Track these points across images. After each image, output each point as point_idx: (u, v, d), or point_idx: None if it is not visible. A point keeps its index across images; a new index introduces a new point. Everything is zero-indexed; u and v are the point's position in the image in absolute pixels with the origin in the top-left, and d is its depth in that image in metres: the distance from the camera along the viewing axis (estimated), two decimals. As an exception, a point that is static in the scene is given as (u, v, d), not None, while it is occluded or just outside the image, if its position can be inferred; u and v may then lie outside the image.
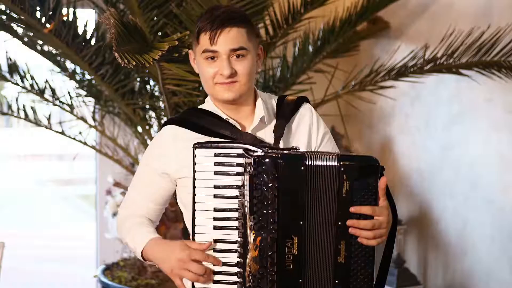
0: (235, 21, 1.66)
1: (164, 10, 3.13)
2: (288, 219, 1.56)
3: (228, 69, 1.66)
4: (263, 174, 1.55)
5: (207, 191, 1.63)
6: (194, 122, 1.76)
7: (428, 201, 3.97)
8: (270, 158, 1.56)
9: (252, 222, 1.56)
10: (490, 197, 3.54)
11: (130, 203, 1.85)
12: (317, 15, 3.56)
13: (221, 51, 1.66)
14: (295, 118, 1.82)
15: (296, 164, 1.57)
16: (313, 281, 1.59)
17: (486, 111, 3.55)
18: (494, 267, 3.52)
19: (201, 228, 1.63)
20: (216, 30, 1.64)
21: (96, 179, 4.39)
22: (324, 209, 1.59)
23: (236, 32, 1.66)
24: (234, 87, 1.69)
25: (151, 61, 1.86)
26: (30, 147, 17.73)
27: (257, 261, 1.55)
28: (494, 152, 3.50)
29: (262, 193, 1.55)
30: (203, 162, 1.63)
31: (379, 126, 4.37)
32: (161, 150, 1.78)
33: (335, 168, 1.58)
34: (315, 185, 1.58)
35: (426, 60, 3.47)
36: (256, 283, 1.56)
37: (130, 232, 1.77)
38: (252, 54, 1.70)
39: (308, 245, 1.58)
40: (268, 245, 1.55)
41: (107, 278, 3.61)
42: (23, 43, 3.48)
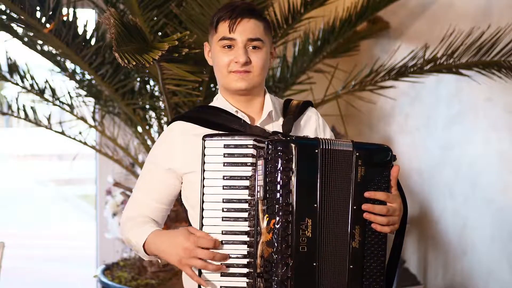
0: (254, 13, 1.72)
1: (164, 10, 3.13)
2: (302, 201, 1.57)
3: (244, 57, 1.69)
4: (277, 157, 1.56)
5: (216, 183, 1.62)
6: (202, 118, 1.77)
7: (428, 201, 3.97)
8: (284, 142, 1.58)
9: (265, 206, 1.56)
10: (490, 197, 3.54)
11: (134, 204, 1.83)
12: (317, 15, 3.56)
13: (238, 40, 1.70)
14: (302, 118, 1.86)
15: (311, 148, 1.59)
16: (328, 264, 1.59)
17: (486, 111, 3.55)
18: (494, 267, 3.52)
19: (210, 220, 1.61)
20: (235, 18, 1.69)
21: (96, 179, 4.39)
22: (339, 193, 1.61)
23: (254, 24, 1.70)
24: (247, 77, 1.72)
25: (151, 61, 1.86)
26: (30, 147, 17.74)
27: (270, 244, 1.55)
28: (494, 152, 3.50)
29: (276, 176, 1.56)
30: (213, 153, 1.63)
31: (379, 126, 4.37)
32: (168, 146, 1.78)
33: (350, 153, 1.62)
34: (329, 169, 1.60)
35: (426, 60, 3.47)
36: (269, 267, 1.55)
37: (132, 230, 1.75)
38: (267, 48, 1.75)
39: (322, 228, 1.59)
40: (282, 227, 1.55)
41: (107, 278, 3.61)
42: (23, 43, 3.48)
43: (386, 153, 1.66)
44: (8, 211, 9.56)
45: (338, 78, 3.98)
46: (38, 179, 13.17)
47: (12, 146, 18.21)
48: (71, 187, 11.91)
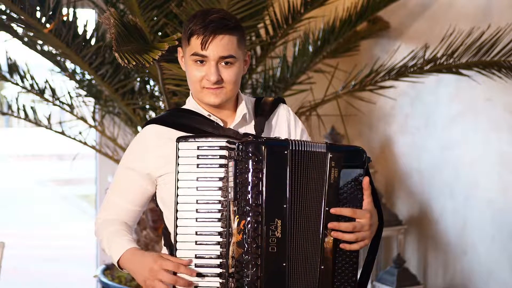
0: (227, 28, 1.67)
1: (164, 10, 3.13)
2: (272, 202, 1.58)
3: (215, 76, 1.68)
4: (247, 158, 1.57)
5: (190, 184, 1.63)
6: (176, 121, 1.78)
7: (428, 201, 3.97)
8: (254, 143, 1.59)
9: (235, 207, 1.57)
10: (490, 197, 3.54)
11: (108, 206, 1.84)
12: (317, 15, 3.56)
13: (210, 57, 1.67)
14: (273, 117, 1.86)
15: (280, 149, 1.60)
16: (298, 264, 1.60)
17: (486, 111, 3.55)
18: (494, 267, 3.52)
19: (184, 221, 1.62)
20: (209, 36, 1.66)
21: (96, 179, 4.39)
22: (311, 194, 1.62)
23: (227, 40, 1.67)
24: (221, 93, 1.71)
25: (151, 61, 1.86)
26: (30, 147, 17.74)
27: (240, 245, 1.56)
28: (494, 152, 3.50)
29: (246, 178, 1.57)
30: (187, 155, 1.64)
31: (379, 126, 4.37)
32: (143, 149, 1.79)
33: (323, 155, 1.62)
34: (301, 170, 1.61)
35: (426, 60, 3.47)
36: (240, 267, 1.56)
37: (109, 240, 1.76)
38: (240, 61, 1.73)
39: (293, 228, 1.59)
40: (252, 228, 1.56)
41: (107, 278, 3.61)
42: (23, 43, 3.48)
43: (360, 155, 1.65)
44: (8, 211, 9.56)
45: (338, 78, 3.98)
46: (38, 179, 13.17)
47: (12, 146, 18.22)
48: (71, 187, 11.91)
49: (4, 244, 2.86)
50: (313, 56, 3.69)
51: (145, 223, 3.70)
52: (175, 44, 1.91)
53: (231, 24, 1.68)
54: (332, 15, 3.75)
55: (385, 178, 4.29)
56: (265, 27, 3.53)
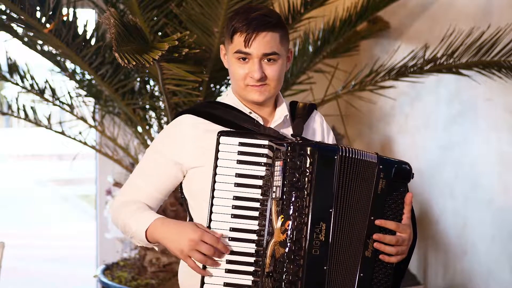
0: (270, 25, 1.68)
1: (164, 10, 3.13)
2: (318, 205, 1.59)
3: (259, 73, 1.68)
4: (297, 160, 1.58)
5: (228, 179, 1.63)
6: (213, 114, 1.77)
7: (428, 201, 3.97)
8: (306, 145, 1.60)
9: (280, 206, 1.58)
10: (490, 197, 3.54)
11: (130, 189, 1.81)
12: (317, 15, 3.56)
13: (254, 54, 1.68)
14: (309, 121, 1.88)
15: (330, 153, 1.62)
16: (338, 269, 1.61)
17: (486, 111, 3.55)
18: (494, 267, 3.52)
19: (219, 216, 1.62)
20: (252, 33, 1.66)
21: (96, 179, 4.39)
22: (358, 202, 1.64)
23: (270, 37, 1.68)
24: (265, 89, 1.72)
25: (151, 61, 1.86)
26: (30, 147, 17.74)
27: (283, 245, 1.56)
28: (494, 152, 3.50)
29: (295, 179, 1.58)
30: (227, 150, 1.63)
31: (379, 126, 4.37)
32: (177, 138, 1.76)
33: (373, 165, 1.65)
34: (349, 177, 1.63)
35: (426, 60, 3.47)
36: (280, 267, 1.56)
37: (133, 214, 1.73)
38: (283, 58, 1.73)
39: (336, 233, 1.61)
40: (296, 229, 1.57)
41: (107, 278, 3.61)
42: (23, 43, 3.48)
43: (407, 170, 1.69)
44: (8, 211, 9.56)
45: (338, 78, 3.98)
46: (38, 179, 13.17)
47: (12, 146, 18.22)
48: (71, 187, 11.91)
49: (4, 244, 2.86)
50: (313, 56, 3.69)
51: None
52: (175, 44, 1.92)
53: (274, 21, 1.69)
54: (332, 15, 3.75)
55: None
56: (265, 27, 3.52)
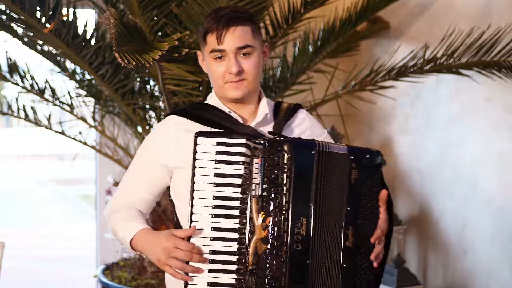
0: (240, 19, 1.71)
1: (164, 10, 3.13)
2: (298, 200, 1.60)
3: (236, 67, 1.70)
4: (275, 156, 1.59)
5: (207, 179, 1.64)
6: (196, 114, 1.80)
7: (428, 201, 3.97)
8: (283, 141, 1.62)
9: (260, 203, 1.59)
10: (490, 197, 3.54)
11: (124, 193, 1.85)
12: (317, 15, 3.56)
13: (228, 50, 1.71)
14: (294, 120, 1.88)
15: (308, 149, 1.63)
16: (321, 262, 1.63)
17: (486, 111, 3.55)
18: (494, 267, 3.52)
19: (199, 216, 1.63)
20: (222, 29, 1.69)
21: (96, 179, 4.40)
22: (333, 194, 1.65)
23: (241, 31, 1.71)
24: (242, 85, 1.74)
25: (151, 61, 1.86)
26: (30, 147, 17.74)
27: (265, 241, 1.57)
28: (494, 152, 3.50)
29: (274, 175, 1.59)
30: (205, 150, 1.65)
31: (379, 126, 4.37)
32: (162, 139, 1.80)
33: (345, 156, 1.67)
34: (325, 171, 1.64)
35: (426, 60, 3.47)
36: (263, 263, 1.57)
37: (122, 222, 1.77)
38: (258, 51, 1.75)
39: (317, 227, 1.62)
40: (277, 225, 1.58)
41: (107, 278, 3.61)
42: (23, 43, 3.48)
43: (377, 157, 1.71)
44: (8, 211, 9.56)
45: (338, 78, 3.98)
46: (38, 179, 13.17)
47: (12, 146, 18.22)
48: (71, 187, 11.91)
49: (4, 244, 2.86)
50: (313, 56, 3.69)
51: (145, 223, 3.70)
52: (175, 44, 1.91)
53: (242, 15, 1.73)
54: (332, 15, 3.75)
55: (385, 178, 4.28)
56: (265, 27, 3.53)
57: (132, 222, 1.76)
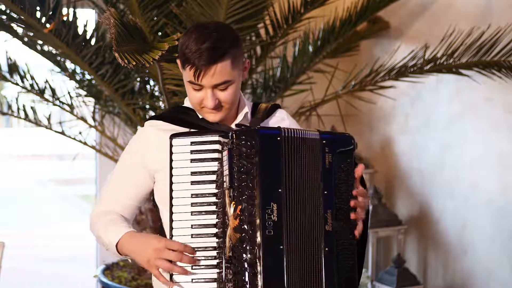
0: (219, 56, 1.65)
1: (164, 10, 3.13)
2: (267, 187, 1.61)
3: (212, 102, 1.69)
4: (240, 146, 1.61)
5: (184, 179, 1.65)
6: (173, 116, 1.82)
7: (428, 201, 3.97)
8: (247, 130, 1.64)
9: (231, 194, 1.60)
10: (490, 197, 3.54)
11: (106, 200, 1.86)
12: (317, 15, 3.56)
13: (205, 85, 1.68)
14: (271, 119, 1.89)
15: (272, 135, 1.65)
16: (297, 247, 1.62)
17: (486, 111, 3.55)
18: (494, 267, 3.52)
19: (179, 215, 1.64)
20: (201, 69, 1.65)
21: (96, 179, 4.40)
22: (308, 179, 1.65)
23: (220, 68, 1.65)
24: (219, 112, 1.74)
25: (151, 61, 1.86)
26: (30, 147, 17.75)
27: (238, 230, 1.58)
28: (494, 152, 3.50)
29: (241, 164, 1.61)
30: (180, 151, 1.66)
31: (379, 126, 4.37)
32: (142, 143, 1.81)
33: (317, 141, 1.68)
34: (296, 156, 1.65)
35: (426, 60, 3.47)
36: (238, 252, 1.58)
37: (105, 227, 1.77)
38: (237, 80, 1.72)
39: (290, 212, 1.62)
40: (248, 212, 1.59)
41: (107, 278, 3.61)
42: (23, 43, 3.48)
43: (349, 141, 1.72)
44: (8, 211, 9.56)
45: (338, 78, 3.98)
46: (38, 179, 13.17)
47: (12, 146, 18.22)
48: (71, 187, 11.91)
49: (4, 244, 2.86)
50: (313, 56, 3.69)
51: (145, 223, 3.70)
52: (175, 44, 1.91)
53: (223, 49, 1.65)
54: (332, 15, 3.75)
55: (385, 178, 4.29)
56: (265, 27, 3.53)
57: (115, 225, 1.76)
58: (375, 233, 3.94)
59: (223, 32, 1.70)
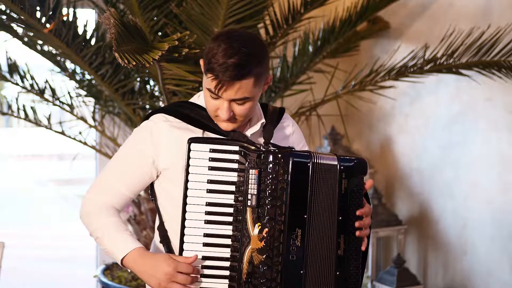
0: (244, 73, 1.62)
1: (164, 10, 3.13)
2: (294, 212, 1.64)
3: (227, 114, 1.67)
4: (273, 169, 1.62)
5: (200, 186, 1.64)
6: (185, 113, 1.78)
7: (428, 201, 3.97)
8: (281, 154, 1.64)
9: (256, 214, 1.61)
10: (490, 197, 3.54)
11: (102, 187, 1.81)
12: (317, 15, 3.56)
13: (224, 97, 1.66)
14: (282, 125, 1.90)
15: (304, 161, 1.66)
16: (314, 271, 1.66)
17: (486, 111, 3.55)
18: (494, 267, 3.52)
19: (192, 222, 1.63)
20: (223, 83, 1.62)
21: (96, 179, 4.38)
22: (325, 205, 1.68)
23: (242, 85, 1.63)
24: (233, 123, 1.72)
25: (151, 61, 1.86)
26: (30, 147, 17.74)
27: (262, 252, 1.61)
28: (494, 152, 3.50)
29: (271, 187, 1.62)
30: (198, 156, 1.65)
31: (379, 126, 4.37)
32: (152, 135, 1.75)
33: (335, 167, 1.69)
34: (318, 182, 1.67)
35: (426, 60, 3.47)
36: (259, 273, 1.60)
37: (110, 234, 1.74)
38: (256, 96, 1.70)
39: (311, 237, 1.66)
40: (274, 236, 1.61)
41: (107, 278, 3.61)
42: (23, 43, 3.48)
43: (365, 166, 1.74)
44: (8, 211, 9.56)
45: (338, 78, 3.98)
46: (38, 179, 13.16)
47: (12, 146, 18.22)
48: (71, 187, 11.89)
49: (4, 244, 2.86)
50: (313, 56, 3.69)
51: (145, 223, 3.70)
52: (175, 44, 1.91)
53: (248, 68, 1.62)
54: (332, 15, 3.75)
55: (385, 178, 4.29)
56: (265, 27, 3.53)
57: (121, 234, 1.73)
58: (375, 233, 3.94)
59: (252, 48, 1.65)
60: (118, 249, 1.71)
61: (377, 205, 3.99)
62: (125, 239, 1.72)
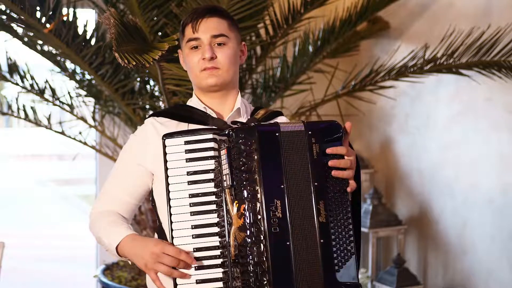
0: (216, 12, 1.78)
1: (164, 10, 3.13)
2: (269, 184, 1.61)
3: (209, 52, 1.74)
4: (240, 144, 1.61)
5: (180, 179, 1.65)
6: (171, 112, 1.86)
7: (428, 201, 3.97)
8: (245, 128, 1.64)
9: (233, 193, 1.60)
10: (490, 197, 3.54)
11: (105, 197, 1.85)
12: (317, 15, 3.56)
13: (203, 38, 1.75)
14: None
15: (272, 132, 1.65)
16: (299, 242, 1.62)
17: (486, 111, 3.55)
18: (494, 267, 3.52)
19: (178, 216, 1.63)
20: (197, 19, 1.76)
21: (96, 179, 4.39)
22: (299, 173, 1.65)
23: (216, 21, 1.77)
24: (217, 73, 1.77)
25: (151, 61, 1.86)
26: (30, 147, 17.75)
27: (243, 229, 1.58)
28: (494, 152, 3.50)
29: (242, 163, 1.61)
30: (174, 151, 1.66)
31: (379, 126, 4.37)
32: (141, 141, 1.82)
33: (303, 133, 1.67)
34: (289, 151, 1.65)
35: (426, 60, 3.47)
36: (244, 251, 1.58)
37: (106, 229, 1.77)
38: (233, 43, 1.79)
39: (290, 207, 1.62)
40: (252, 211, 1.59)
41: (107, 278, 3.61)
42: (23, 43, 3.48)
43: (335, 127, 1.70)
44: (8, 211, 9.57)
45: (338, 78, 3.98)
46: (38, 179, 13.17)
47: (12, 146, 18.23)
48: (71, 187, 11.91)
49: (4, 244, 2.86)
50: (313, 56, 3.69)
51: (145, 223, 3.70)
52: (175, 44, 1.91)
53: (218, 10, 1.79)
54: (332, 15, 3.75)
55: (385, 178, 4.29)
56: (265, 27, 3.53)
57: (116, 227, 1.76)
58: (375, 233, 3.94)
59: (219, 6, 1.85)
60: (113, 240, 1.73)
61: (377, 205, 3.99)
62: (119, 230, 1.74)
